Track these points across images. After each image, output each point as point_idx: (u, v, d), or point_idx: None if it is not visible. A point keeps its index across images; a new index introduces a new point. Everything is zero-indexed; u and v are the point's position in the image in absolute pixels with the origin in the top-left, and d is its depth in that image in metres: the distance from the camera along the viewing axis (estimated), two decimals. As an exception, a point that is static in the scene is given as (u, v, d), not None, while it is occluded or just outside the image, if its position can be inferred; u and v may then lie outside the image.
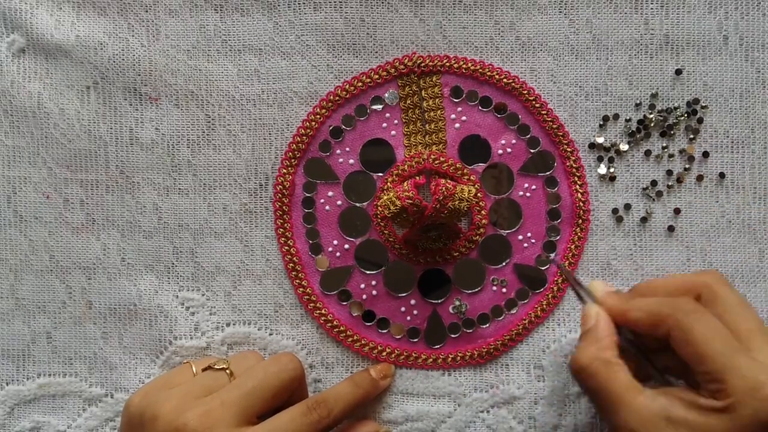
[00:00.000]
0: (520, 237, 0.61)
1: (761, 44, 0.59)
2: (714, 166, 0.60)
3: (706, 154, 0.60)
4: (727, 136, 0.60)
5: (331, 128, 0.60)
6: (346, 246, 0.61)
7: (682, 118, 0.60)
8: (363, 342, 0.61)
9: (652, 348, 0.53)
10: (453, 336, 0.61)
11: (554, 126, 0.60)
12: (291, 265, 0.61)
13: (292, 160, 0.60)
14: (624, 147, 0.60)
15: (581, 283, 0.56)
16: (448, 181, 0.56)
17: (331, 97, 0.60)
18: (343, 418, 0.55)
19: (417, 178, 0.59)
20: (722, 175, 0.60)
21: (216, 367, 0.55)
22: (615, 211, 0.60)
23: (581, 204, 0.60)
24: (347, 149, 0.60)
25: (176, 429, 0.50)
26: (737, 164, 0.60)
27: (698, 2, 0.59)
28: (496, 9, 0.60)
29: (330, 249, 0.61)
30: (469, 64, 0.60)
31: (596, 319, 0.52)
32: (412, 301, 0.61)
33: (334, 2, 0.60)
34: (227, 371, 0.55)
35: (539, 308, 0.61)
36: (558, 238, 0.61)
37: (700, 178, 0.60)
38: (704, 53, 0.60)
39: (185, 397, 0.52)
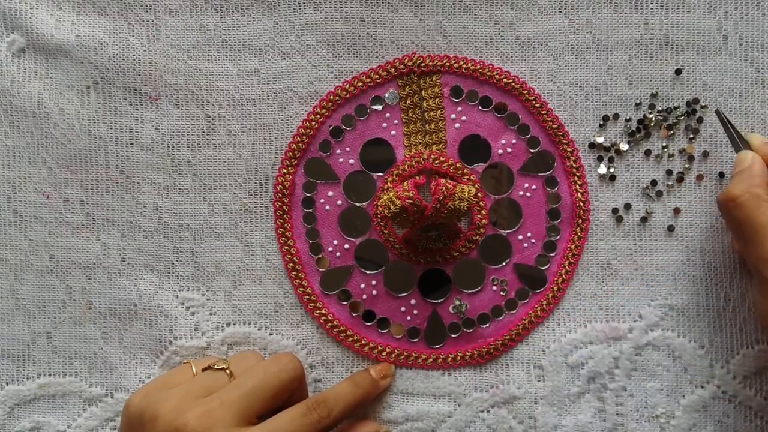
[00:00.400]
0: (520, 237, 0.61)
1: (761, 44, 0.59)
2: (714, 166, 0.60)
3: (705, 154, 0.60)
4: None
5: (331, 128, 0.60)
6: (346, 246, 0.61)
7: (682, 117, 0.60)
8: (363, 342, 0.61)
9: None
10: (453, 336, 0.61)
11: (554, 126, 0.60)
12: (291, 265, 0.61)
13: (293, 160, 0.60)
14: (624, 147, 0.60)
15: (738, 130, 0.57)
16: (448, 181, 0.56)
17: (331, 97, 0.60)
18: (343, 418, 0.55)
19: (417, 178, 0.59)
20: (722, 175, 0.60)
21: (216, 367, 0.55)
22: (615, 210, 0.60)
23: (581, 204, 0.60)
24: (347, 149, 0.60)
25: (176, 429, 0.50)
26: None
27: (698, 2, 0.59)
28: (496, 9, 0.60)
29: (330, 249, 0.61)
30: (469, 64, 0.60)
31: (752, 161, 0.55)
32: (412, 301, 0.61)
33: (335, 2, 0.60)
34: (227, 371, 0.55)
35: (539, 308, 0.61)
36: (558, 237, 0.61)
37: (699, 177, 0.60)
38: (704, 53, 0.60)
39: (185, 397, 0.52)
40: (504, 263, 0.61)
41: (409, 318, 0.61)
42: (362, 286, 0.61)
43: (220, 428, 0.50)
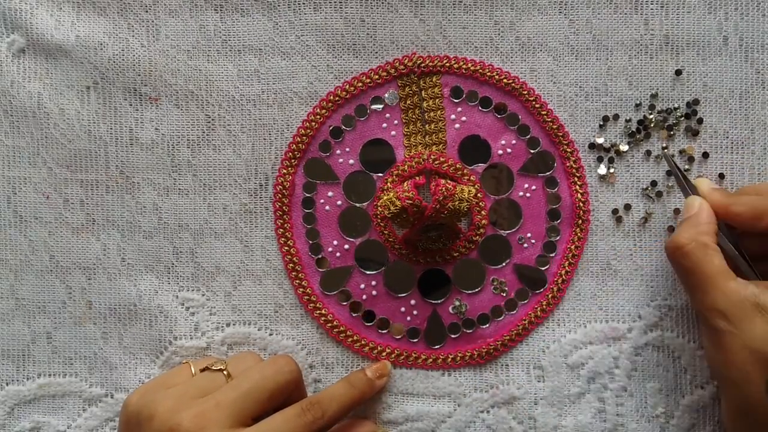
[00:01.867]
0: (520, 237, 0.61)
1: (761, 45, 0.59)
2: (714, 167, 0.60)
3: (705, 155, 0.60)
4: (727, 137, 0.60)
5: (331, 128, 0.60)
6: (346, 246, 0.61)
7: (682, 118, 0.60)
8: (363, 342, 0.61)
9: (750, 251, 0.55)
10: (453, 336, 0.61)
11: (554, 126, 0.60)
12: (291, 265, 0.61)
13: (292, 160, 0.60)
14: (624, 147, 0.60)
15: (687, 176, 0.58)
16: (448, 181, 0.56)
17: (331, 98, 0.60)
18: (338, 418, 0.55)
19: (417, 178, 0.59)
20: (722, 176, 0.60)
21: (214, 368, 0.55)
22: (615, 211, 0.60)
23: (581, 204, 0.60)
24: (347, 149, 0.60)
25: (170, 429, 0.50)
26: (737, 165, 0.60)
27: (698, 3, 0.59)
28: (496, 9, 0.60)
29: (330, 249, 0.61)
30: (469, 65, 0.60)
31: (699, 208, 0.55)
32: (412, 302, 0.61)
33: (334, 2, 0.60)
34: (224, 372, 0.55)
35: (539, 308, 0.61)
36: (558, 238, 0.61)
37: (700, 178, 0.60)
38: (704, 54, 0.60)
39: (182, 397, 0.52)
40: (504, 264, 0.61)
41: (408, 318, 0.61)
42: (362, 286, 0.61)
43: (214, 429, 0.50)
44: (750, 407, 0.51)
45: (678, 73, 0.60)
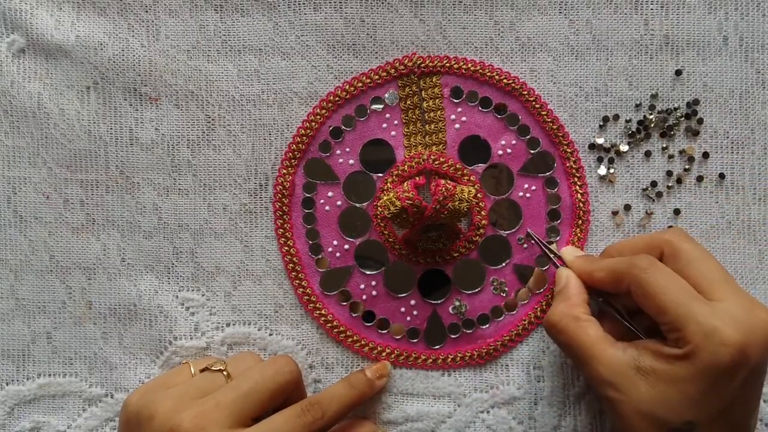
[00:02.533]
0: (520, 238, 0.61)
1: (761, 45, 0.59)
2: (714, 167, 0.60)
3: (706, 155, 0.60)
4: (727, 137, 0.60)
5: (331, 128, 0.60)
6: (346, 246, 0.61)
7: (682, 118, 0.60)
8: (363, 342, 0.61)
9: (631, 310, 0.54)
10: (453, 336, 0.61)
11: (554, 127, 0.60)
12: (291, 265, 0.61)
13: (292, 161, 0.60)
14: (624, 148, 0.60)
15: (553, 249, 0.59)
16: (448, 181, 0.56)
17: (331, 98, 0.60)
18: (338, 419, 0.55)
19: (417, 178, 0.59)
20: (722, 176, 0.60)
21: (213, 368, 0.55)
22: (615, 212, 0.60)
23: (581, 205, 0.60)
24: (347, 149, 0.60)
25: (170, 429, 0.50)
26: (737, 165, 0.60)
27: (698, 3, 0.59)
28: (496, 9, 0.60)
29: (330, 249, 0.61)
30: (469, 65, 0.60)
31: (566, 280, 0.55)
32: (412, 302, 0.61)
33: (334, 2, 0.60)
34: (224, 373, 0.55)
35: (539, 309, 0.60)
36: (558, 238, 0.61)
37: (699, 178, 0.60)
38: (704, 54, 0.60)
39: (181, 397, 0.52)
40: (504, 264, 0.61)
41: (408, 318, 0.61)
42: (362, 286, 0.61)
43: (213, 429, 0.50)
44: None
45: (678, 73, 0.60)
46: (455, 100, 0.60)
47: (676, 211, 0.60)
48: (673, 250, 0.52)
